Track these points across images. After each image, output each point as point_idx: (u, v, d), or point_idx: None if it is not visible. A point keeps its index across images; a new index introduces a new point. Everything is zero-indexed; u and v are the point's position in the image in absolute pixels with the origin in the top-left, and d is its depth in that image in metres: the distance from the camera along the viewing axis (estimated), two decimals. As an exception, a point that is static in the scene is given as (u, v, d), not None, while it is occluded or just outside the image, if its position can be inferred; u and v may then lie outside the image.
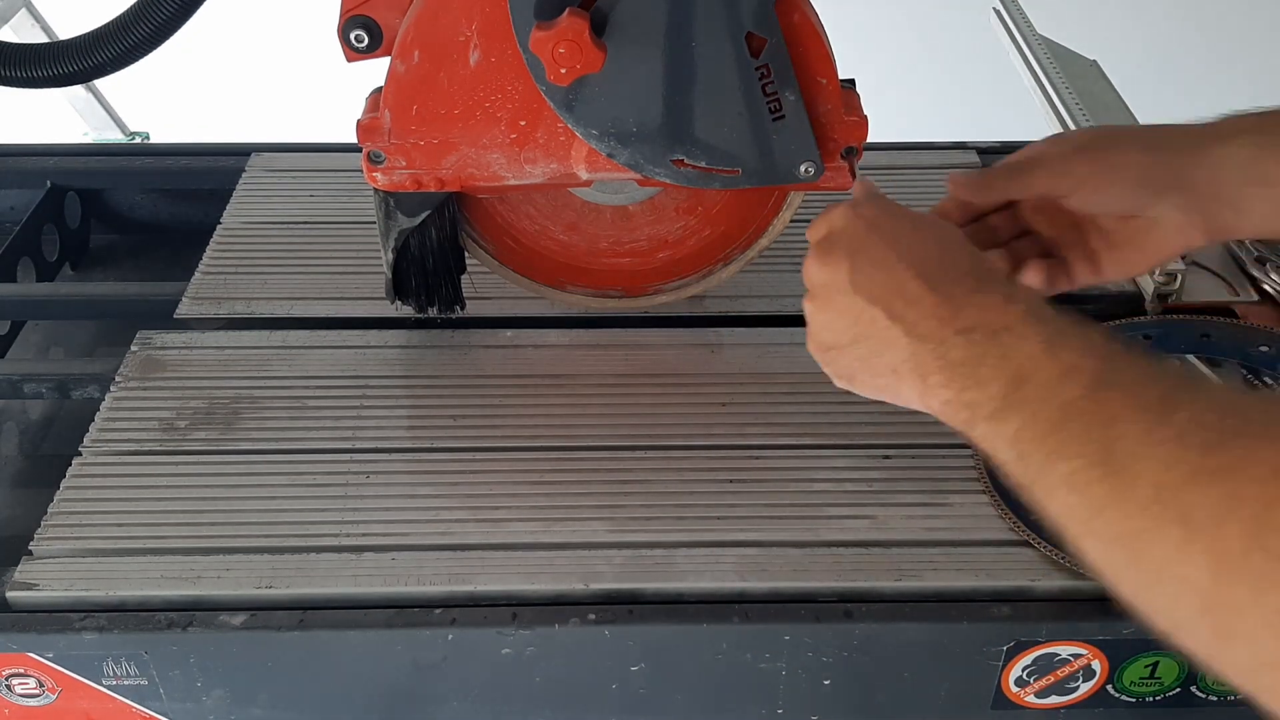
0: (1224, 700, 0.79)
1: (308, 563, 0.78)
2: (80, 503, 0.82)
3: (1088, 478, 0.53)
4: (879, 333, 0.66)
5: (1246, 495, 0.45)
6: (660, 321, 0.98)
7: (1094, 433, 0.53)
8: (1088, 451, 0.53)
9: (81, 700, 0.77)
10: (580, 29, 0.76)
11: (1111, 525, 0.51)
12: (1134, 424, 0.52)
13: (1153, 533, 0.49)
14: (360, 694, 0.78)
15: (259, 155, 1.19)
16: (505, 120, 0.84)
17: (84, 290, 1.14)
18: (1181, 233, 0.76)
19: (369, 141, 0.84)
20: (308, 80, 1.97)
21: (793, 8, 0.80)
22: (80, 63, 0.88)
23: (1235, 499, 0.46)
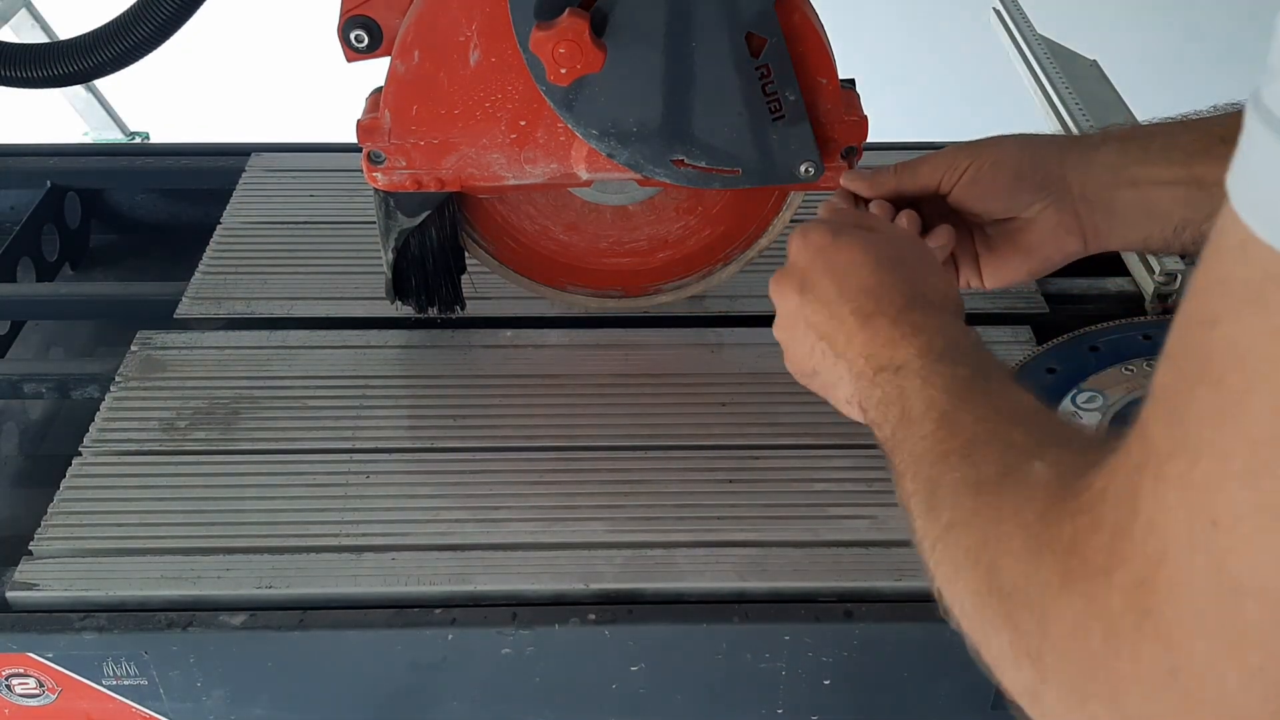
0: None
1: (308, 563, 0.78)
2: (80, 503, 0.82)
3: (918, 511, 0.55)
4: (829, 367, 0.70)
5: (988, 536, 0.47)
6: (660, 321, 0.98)
7: (929, 470, 0.56)
8: (923, 488, 0.56)
9: (81, 700, 0.77)
10: (580, 29, 0.76)
11: (926, 550, 0.53)
12: (952, 462, 0.55)
13: (941, 564, 0.51)
14: (360, 694, 0.78)
15: (259, 155, 1.19)
16: (505, 120, 0.84)
17: (84, 290, 1.14)
18: (1055, 234, 0.77)
19: (369, 141, 0.84)
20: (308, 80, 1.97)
21: (793, 8, 0.80)
22: (80, 63, 0.88)
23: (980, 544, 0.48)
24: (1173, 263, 0.97)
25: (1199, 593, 0.34)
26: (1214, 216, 0.77)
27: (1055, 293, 1.02)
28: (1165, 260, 0.98)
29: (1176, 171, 0.75)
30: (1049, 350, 0.91)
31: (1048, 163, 0.77)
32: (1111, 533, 0.38)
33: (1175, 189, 0.75)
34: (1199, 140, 0.75)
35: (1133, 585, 0.36)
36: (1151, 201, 0.75)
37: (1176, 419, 0.36)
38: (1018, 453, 0.51)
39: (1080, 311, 0.99)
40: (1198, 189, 0.74)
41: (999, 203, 0.77)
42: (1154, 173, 0.75)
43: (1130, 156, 0.76)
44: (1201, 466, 0.34)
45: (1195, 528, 0.34)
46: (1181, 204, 0.75)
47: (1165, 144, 0.76)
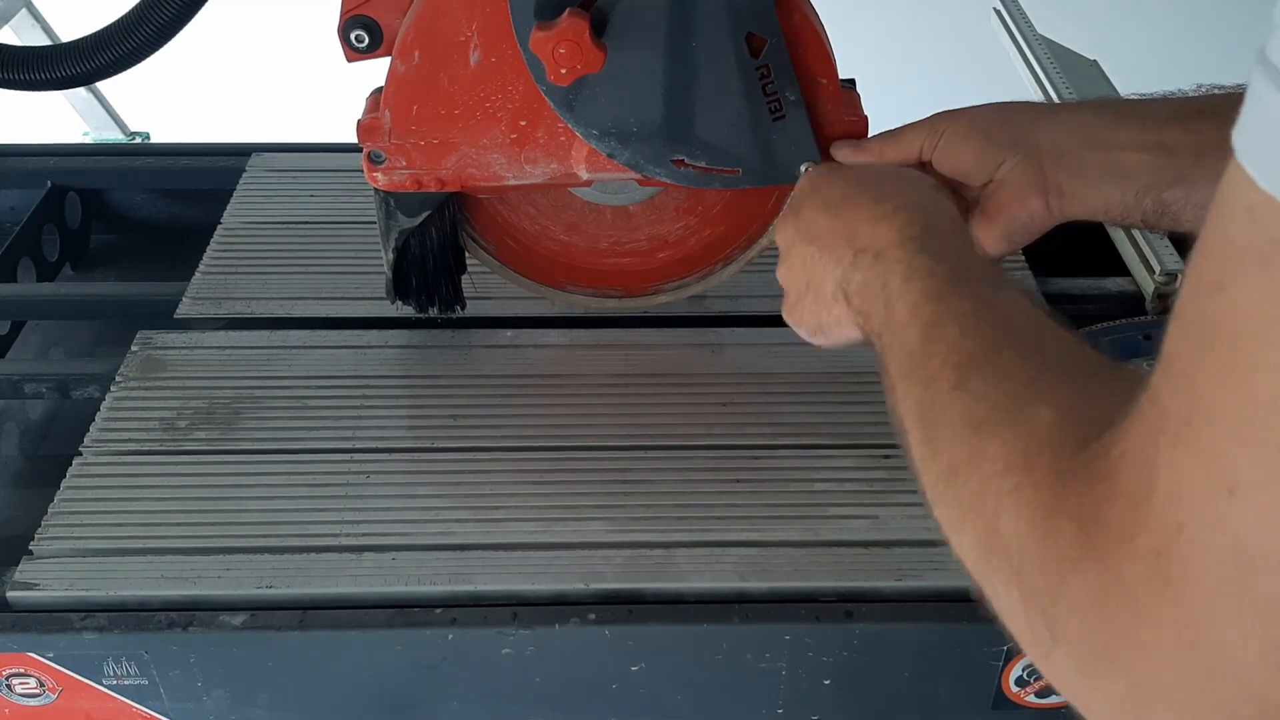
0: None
1: (308, 563, 0.78)
2: (81, 503, 0.82)
3: (914, 439, 0.54)
4: (815, 266, 0.69)
5: (992, 488, 0.46)
6: (660, 321, 0.99)
7: (919, 391, 0.55)
8: (915, 411, 0.54)
9: (82, 700, 0.77)
10: (580, 29, 0.76)
11: (926, 490, 0.52)
12: (942, 389, 0.53)
13: (943, 507, 0.50)
14: (360, 694, 0.78)
15: (259, 155, 1.19)
16: (505, 120, 0.84)
17: (84, 290, 1.14)
18: (1020, 192, 0.76)
19: (369, 141, 0.84)
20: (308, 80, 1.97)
21: (793, 8, 0.80)
22: (81, 66, 0.88)
23: (982, 493, 0.46)
24: (1173, 262, 0.97)
25: (1218, 563, 0.34)
26: (1178, 185, 0.75)
27: (1055, 293, 1.02)
28: (1165, 260, 0.98)
29: (1147, 136, 0.75)
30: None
31: (1019, 122, 0.78)
32: (1131, 500, 0.37)
33: (1143, 154, 0.75)
34: (1173, 110, 0.75)
35: (1152, 555, 0.36)
36: (1118, 164, 0.75)
37: (1189, 383, 0.35)
38: (1017, 386, 0.49)
39: (1080, 311, 0.99)
40: (1166, 155, 0.74)
41: (974, 164, 0.77)
42: (1124, 137, 0.75)
43: (1103, 119, 0.76)
44: (1217, 430, 0.34)
45: (1213, 496, 0.34)
46: (1148, 169, 0.75)
47: (1140, 111, 0.77)
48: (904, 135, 0.80)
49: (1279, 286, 0.32)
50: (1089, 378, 0.48)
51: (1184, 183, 0.74)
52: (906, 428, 0.55)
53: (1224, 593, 0.34)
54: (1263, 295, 0.32)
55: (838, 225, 0.68)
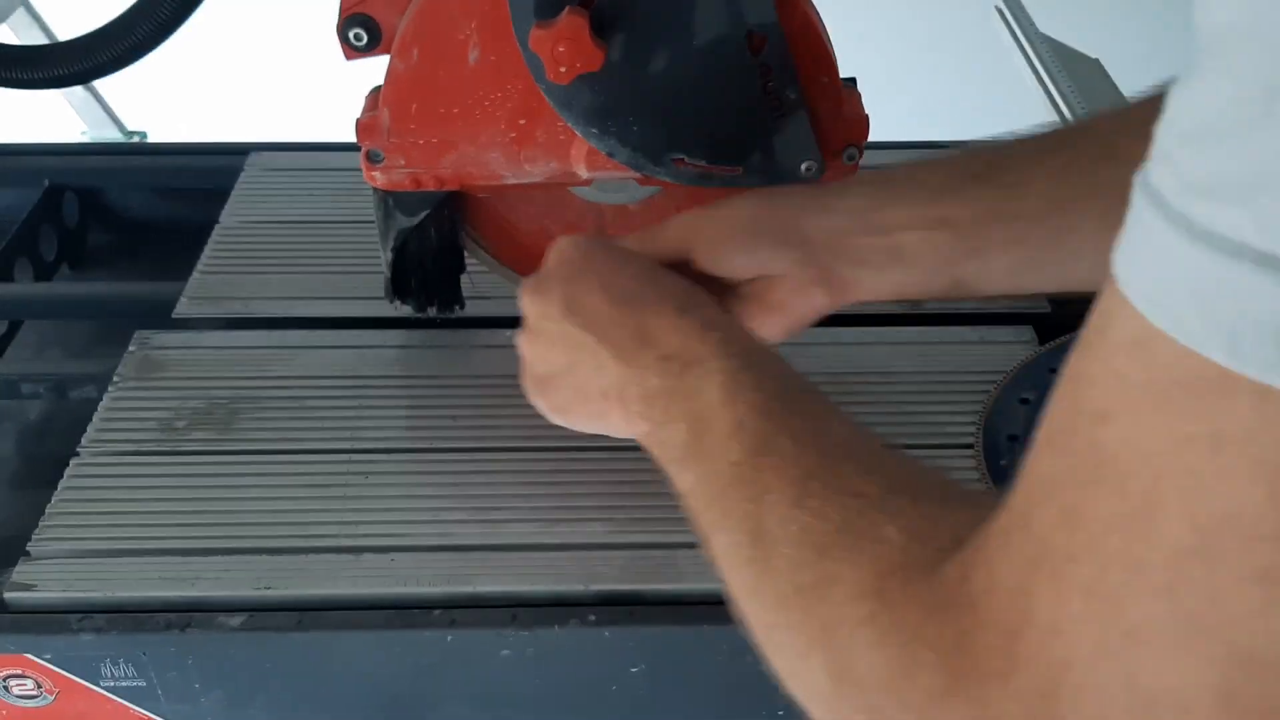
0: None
1: (306, 564, 0.78)
2: (78, 503, 0.82)
3: (739, 557, 0.51)
4: (589, 357, 0.65)
5: (844, 616, 0.43)
6: (660, 321, 0.98)
7: (747, 506, 0.51)
8: (744, 526, 0.51)
9: (79, 702, 0.76)
10: (580, 27, 0.75)
11: (756, 614, 0.50)
12: (779, 504, 0.50)
13: (785, 632, 0.47)
14: (359, 695, 0.78)
15: (257, 154, 1.19)
16: (504, 119, 0.83)
17: (82, 290, 1.13)
18: (800, 289, 0.72)
19: (368, 140, 0.84)
20: (306, 79, 1.96)
21: (794, 5, 0.80)
22: (79, 64, 0.87)
23: (833, 622, 0.44)
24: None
25: (1108, 702, 0.32)
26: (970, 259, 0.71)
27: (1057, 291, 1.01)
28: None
29: (921, 213, 0.70)
30: (1051, 350, 0.91)
31: (785, 217, 0.73)
32: (1004, 634, 0.35)
33: (924, 232, 0.70)
34: (945, 179, 0.72)
35: (1033, 693, 0.34)
36: (901, 248, 0.71)
37: (1075, 521, 0.33)
38: (865, 506, 0.47)
39: (1083, 311, 0.98)
40: (948, 231, 0.70)
41: (736, 264, 0.73)
42: (899, 217, 0.71)
43: (873, 201, 0.72)
44: (1112, 577, 0.32)
45: (1106, 638, 0.32)
46: (932, 248, 0.70)
47: (910, 185, 0.72)
48: (665, 232, 0.75)
49: (1185, 428, 0.29)
50: (934, 498, 0.46)
51: (976, 256, 0.70)
52: (726, 544, 0.52)
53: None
54: (1162, 438, 0.30)
55: (629, 322, 0.64)
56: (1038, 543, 0.34)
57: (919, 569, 0.41)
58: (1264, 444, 0.28)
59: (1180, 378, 0.29)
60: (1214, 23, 0.29)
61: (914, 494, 0.47)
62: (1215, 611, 0.30)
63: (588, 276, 0.67)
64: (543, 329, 0.69)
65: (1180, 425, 0.29)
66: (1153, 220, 0.30)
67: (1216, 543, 0.29)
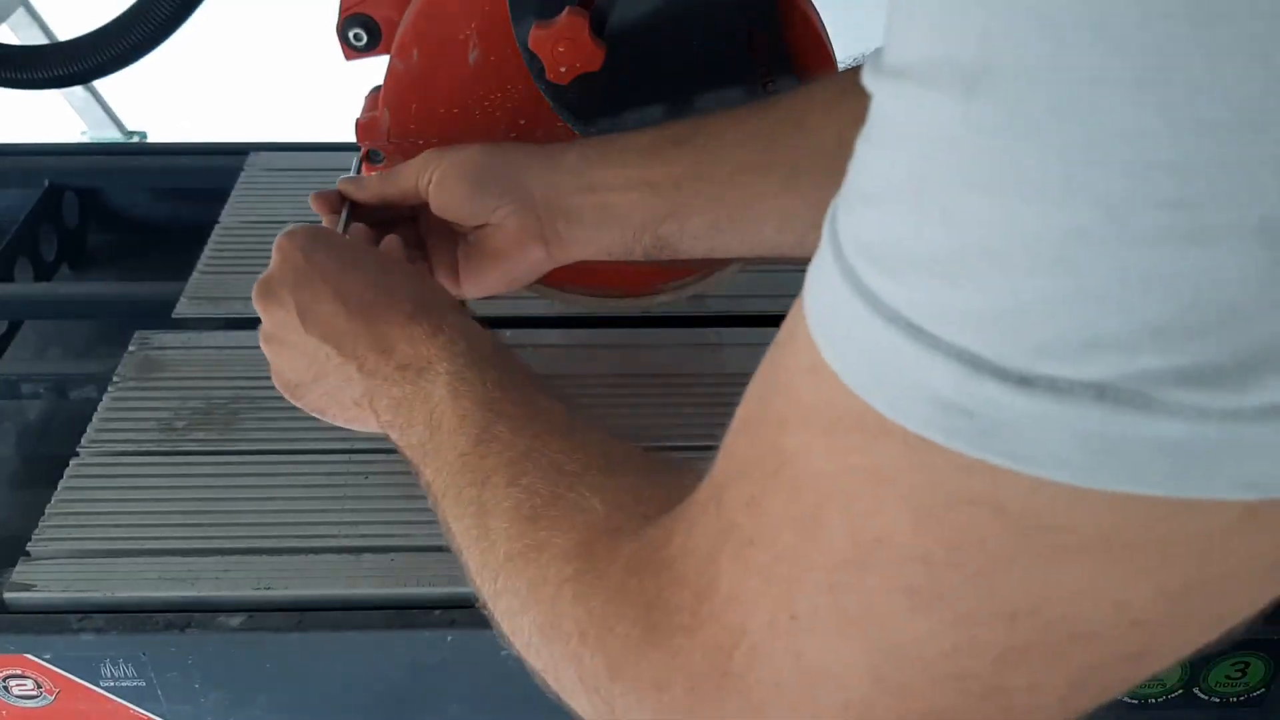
0: (1226, 701, 0.79)
1: (306, 564, 0.78)
2: (78, 503, 0.82)
3: (470, 538, 0.54)
4: (335, 370, 0.67)
5: (551, 575, 0.47)
6: (660, 321, 0.98)
7: (473, 491, 0.55)
8: (471, 510, 0.54)
9: (79, 702, 0.76)
10: (580, 27, 0.75)
11: (484, 586, 0.52)
12: (499, 485, 0.53)
13: (503, 598, 0.50)
14: (359, 696, 0.78)
15: (257, 154, 1.19)
16: (504, 119, 0.83)
17: (82, 290, 1.13)
18: (519, 241, 0.76)
19: (368, 140, 0.84)
20: (306, 79, 1.96)
21: (794, 6, 0.80)
22: (79, 64, 0.87)
23: (541, 580, 0.47)
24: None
25: (778, 669, 0.35)
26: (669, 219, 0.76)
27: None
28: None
29: (629, 174, 0.74)
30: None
31: (512, 169, 0.76)
32: (694, 593, 0.38)
33: (629, 193, 0.74)
34: (651, 141, 0.75)
35: (714, 648, 0.37)
36: (609, 206, 0.75)
37: (756, 509, 0.36)
38: (571, 480, 0.50)
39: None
40: (650, 191, 0.74)
41: (463, 207, 0.77)
42: (609, 177, 0.75)
43: (589, 161, 0.76)
44: (783, 567, 0.35)
45: (776, 618, 0.35)
46: (637, 208, 0.74)
47: (621, 147, 0.76)
48: (401, 173, 0.79)
49: (848, 458, 0.32)
50: (638, 472, 0.50)
51: (675, 217, 0.74)
52: (460, 530, 0.55)
53: (784, 694, 0.36)
54: (830, 461, 0.33)
55: (366, 333, 0.66)
56: (726, 520, 0.37)
57: (624, 533, 0.44)
58: (913, 484, 0.30)
59: (844, 414, 0.31)
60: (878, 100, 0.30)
61: (617, 469, 0.51)
62: (868, 613, 0.33)
63: (316, 283, 0.68)
64: (284, 339, 0.70)
65: (844, 455, 0.32)
66: (830, 263, 0.31)
67: (870, 558, 0.32)
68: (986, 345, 0.27)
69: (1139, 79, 0.24)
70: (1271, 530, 0.28)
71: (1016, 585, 0.30)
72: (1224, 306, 0.25)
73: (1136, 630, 0.31)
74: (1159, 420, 0.26)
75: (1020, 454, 0.28)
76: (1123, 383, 0.26)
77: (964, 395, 0.28)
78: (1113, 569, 0.30)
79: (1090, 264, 0.25)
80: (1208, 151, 0.24)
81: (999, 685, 0.32)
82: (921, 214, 0.28)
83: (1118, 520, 0.28)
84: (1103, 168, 0.25)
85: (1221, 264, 0.24)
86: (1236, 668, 0.77)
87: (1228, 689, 0.78)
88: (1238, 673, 0.77)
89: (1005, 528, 0.29)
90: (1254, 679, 0.78)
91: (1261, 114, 0.23)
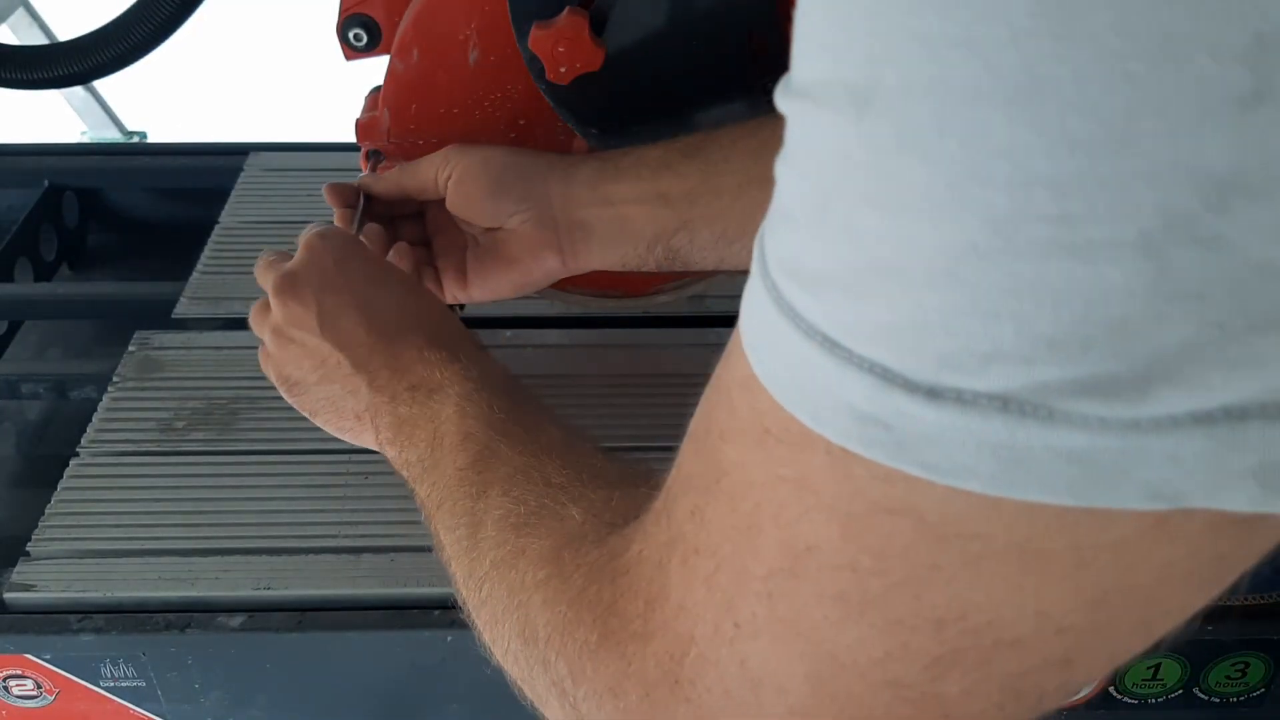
0: (1226, 701, 0.79)
1: (306, 564, 0.78)
2: (78, 503, 0.82)
3: (460, 549, 0.55)
4: (344, 380, 0.68)
5: (527, 581, 0.48)
6: (660, 321, 0.98)
7: (468, 503, 0.56)
8: (464, 521, 0.55)
9: (79, 702, 0.76)
10: (580, 27, 0.75)
11: (470, 595, 0.53)
12: (492, 497, 0.55)
13: (488, 606, 0.51)
14: (359, 696, 0.78)
15: (257, 154, 1.19)
16: (504, 119, 0.83)
17: (82, 290, 1.13)
18: (533, 249, 0.77)
19: (368, 140, 0.84)
20: (306, 79, 1.96)
21: (794, 6, 0.80)
22: (79, 64, 0.87)
23: (519, 586, 0.48)
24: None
25: (725, 676, 0.36)
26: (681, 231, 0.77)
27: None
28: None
29: (643, 188, 0.75)
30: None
31: (533, 175, 0.77)
32: (647, 601, 0.39)
33: (643, 205, 0.75)
34: (662, 155, 0.76)
35: (666, 656, 0.38)
36: (624, 219, 0.76)
37: (700, 519, 0.36)
38: (556, 491, 0.52)
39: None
40: (663, 205, 0.75)
41: (480, 208, 0.77)
42: (623, 190, 0.76)
43: (604, 174, 0.76)
44: (724, 577, 0.35)
45: (721, 626, 0.36)
46: (651, 221, 0.75)
47: (634, 160, 0.77)
48: (420, 167, 0.79)
49: (777, 469, 0.32)
50: (617, 484, 0.51)
51: (686, 229, 0.75)
52: (451, 541, 0.56)
53: (730, 701, 0.36)
54: (762, 471, 0.33)
55: (384, 351, 0.67)
56: (675, 529, 0.38)
57: (592, 541, 0.45)
58: (837, 494, 0.31)
59: (773, 426, 0.32)
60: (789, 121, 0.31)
61: (600, 481, 0.52)
62: (803, 620, 0.33)
63: (343, 292, 0.69)
64: (296, 336, 0.70)
65: (774, 466, 0.32)
66: (758, 280, 0.32)
67: (802, 567, 0.33)
68: (895, 358, 0.28)
69: (1011, 98, 0.24)
70: (1184, 539, 0.29)
71: (940, 593, 0.31)
72: (1114, 318, 0.25)
73: (1061, 637, 0.31)
74: (1061, 431, 0.26)
75: (933, 464, 0.28)
76: (1024, 394, 0.26)
77: (878, 407, 0.28)
78: (1030, 577, 0.30)
79: (982, 277, 0.26)
80: (1082, 168, 0.24)
81: (933, 692, 0.33)
82: (827, 231, 0.28)
83: (1031, 529, 0.29)
84: (986, 184, 0.25)
85: (1107, 277, 0.25)
86: (1236, 668, 0.77)
87: (1227, 689, 0.78)
88: (1238, 673, 0.77)
89: (925, 536, 0.30)
90: (1254, 679, 0.78)
91: (1128, 130, 0.24)
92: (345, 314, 0.68)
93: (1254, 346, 0.25)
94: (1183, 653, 0.76)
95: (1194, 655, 0.76)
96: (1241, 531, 0.29)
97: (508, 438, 0.59)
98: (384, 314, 0.68)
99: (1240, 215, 0.24)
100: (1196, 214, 0.24)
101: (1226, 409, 0.25)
